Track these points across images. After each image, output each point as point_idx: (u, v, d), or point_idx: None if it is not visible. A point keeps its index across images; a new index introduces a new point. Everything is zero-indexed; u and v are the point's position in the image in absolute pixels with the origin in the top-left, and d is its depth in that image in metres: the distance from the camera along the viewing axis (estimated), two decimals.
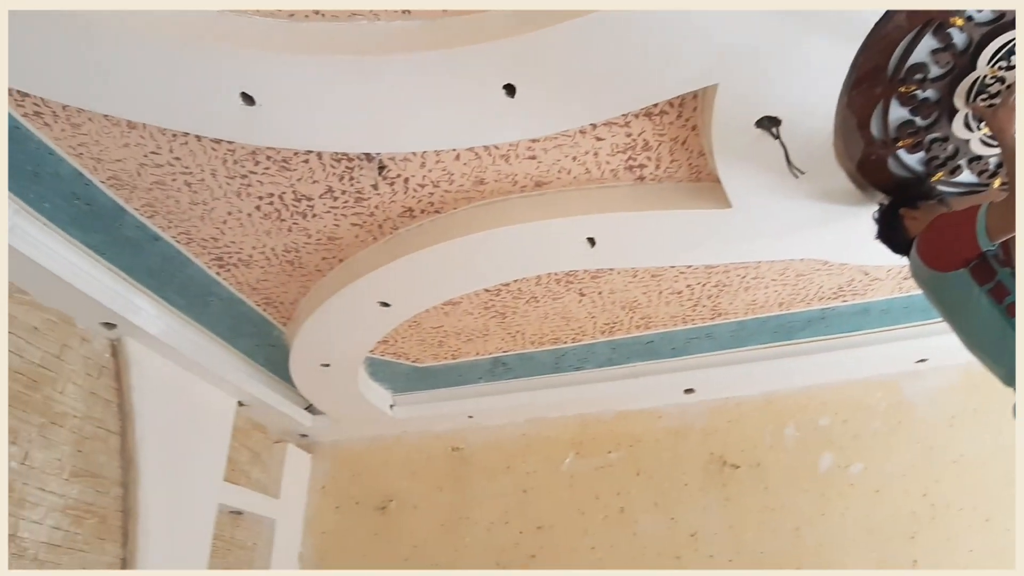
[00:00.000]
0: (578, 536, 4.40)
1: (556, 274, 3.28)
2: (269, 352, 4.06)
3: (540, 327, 3.85)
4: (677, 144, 2.55)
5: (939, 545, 3.99)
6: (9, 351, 3.04)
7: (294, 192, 2.72)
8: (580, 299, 3.54)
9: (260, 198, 2.76)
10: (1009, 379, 2.10)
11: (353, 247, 3.06)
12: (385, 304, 3.27)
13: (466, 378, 4.49)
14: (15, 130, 2.49)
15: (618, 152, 2.57)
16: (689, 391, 4.48)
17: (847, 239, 2.98)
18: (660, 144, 2.54)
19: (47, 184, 2.74)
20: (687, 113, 2.43)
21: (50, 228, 2.97)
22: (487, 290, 3.41)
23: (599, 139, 2.50)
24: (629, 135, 2.49)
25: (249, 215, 2.87)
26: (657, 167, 2.66)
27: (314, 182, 2.66)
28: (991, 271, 2.15)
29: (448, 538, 4.59)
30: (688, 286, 3.51)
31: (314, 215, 2.86)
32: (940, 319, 2.36)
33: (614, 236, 2.85)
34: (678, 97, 2.33)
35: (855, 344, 4.13)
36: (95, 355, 3.47)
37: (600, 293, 3.49)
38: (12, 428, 3.00)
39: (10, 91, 2.33)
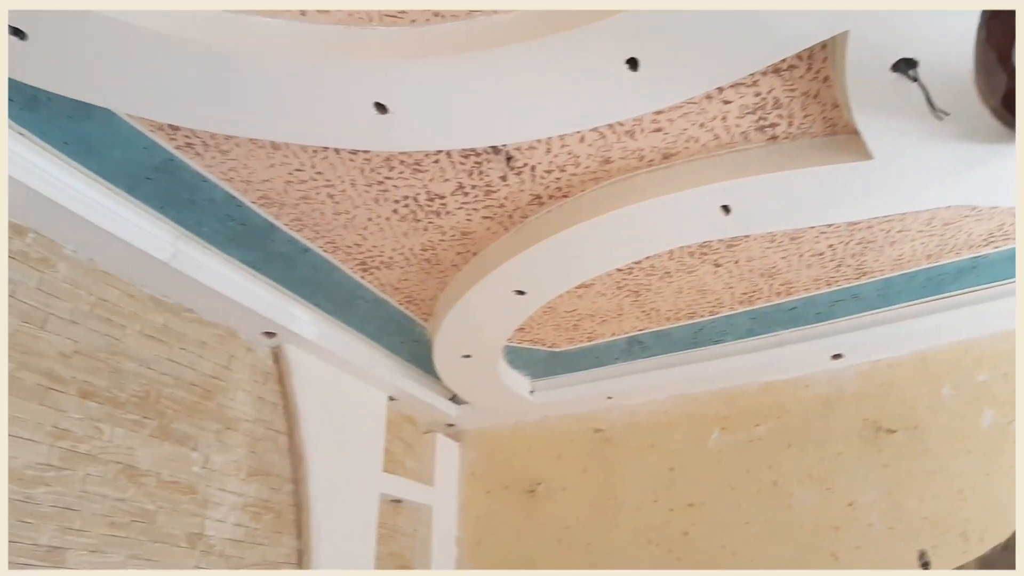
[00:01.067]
0: (731, 511, 4.33)
1: (689, 247, 3.23)
2: (413, 347, 4.23)
3: (675, 302, 3.80)
4: (809, 98, 2.45)
5: None
6: (182, 365, 3.33)
7: (427, 192, 2.83)
8: (715, 270, 3.48)
9: (396, 201, 2.89)
10: None
11: (486, 239, 3.14)
12: (520, 292, 3.34)
13: (603, 359, 4.51)
14: (169, 162, 2.71)
15: (747, 113, 2.50)
16: (837, 356, 4.29)
17: (995, 181, 2.75)
18: (791, 100, 2.45)
19: (203, 209, 2.98)
20: (817, 65, 2.32)
21: (210, 249, 3.22)
22: (619, 270, 3.41)
23: (726, 102, 2.44)
24: (758, 95, 2.41)
25: (387, 219, 3.01)
26: (790, 124, 2.57)
27: (445, 180, 2.75)
28: None
29: (598, 519, 4.63)
30: (830, 246, 3.37)
31: (447, 212, 2.95)
32: None
33: (749, 201, 2.77)
34: (806, 50, 2.24)
35: (1010, 292, 3.83)
36: (259, 363, 3.75)
37: (736, 262, 3.41)
38: (192, 435, 3.30)
39: (160, 126, 2.54)
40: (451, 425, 5.17)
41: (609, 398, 4.77)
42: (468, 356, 4.04)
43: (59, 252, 2.91)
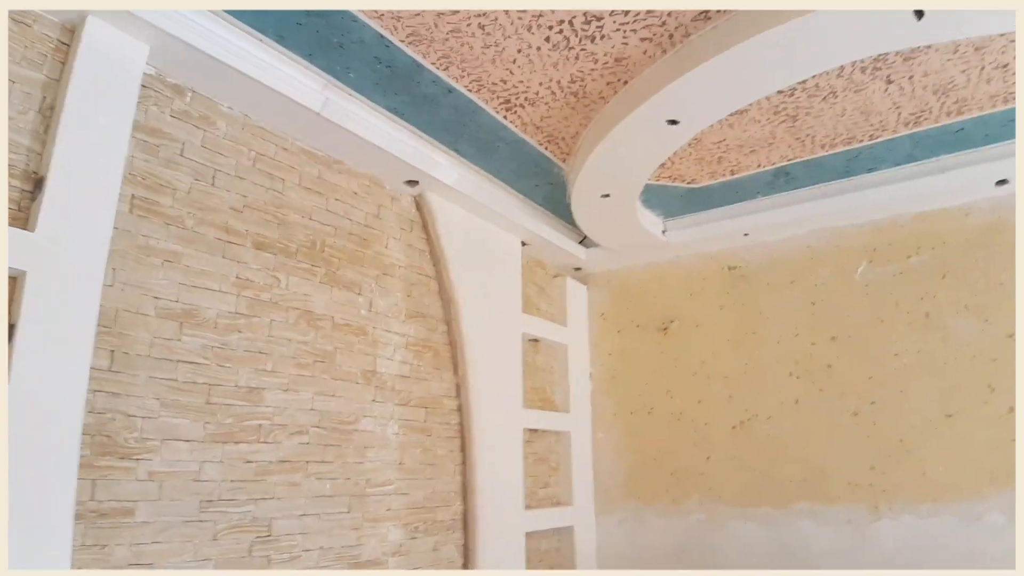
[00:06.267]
0: (878, 344, 4.24)
1: (862, 62, 2.95)
2: (548, 190, 4.18)
3: (834, 127, 3.54)
4: None
5: None
6: (339, 215, 3.41)
7: (586, 14, 2.65)
8: (886, 88, 3.18)
9: (551, 28, 2.72)
10: None
11: (641, 65, 2.96)
12: (673, 122, 3.17)
13: (743, 194, 4.34)
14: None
15: None
16: (1002, 182, 3.96)
17: None
18: None
19: (352, 53, 2.90)
20: None
21: (357, 97, 3.18)
22: (780, 92, 3.17)
23: None
24: None
25: (538, 48, 2.86)
26: None
27: None
28: None
29: (736, 353, 4.65)
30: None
31: (603, 36, 2.77)
32: None
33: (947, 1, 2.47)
34: None
35: None
36: (404, 211, 3.80)
37: (911, 78, 3.11)
38: (356, 282, 3.42)
39: None
40: (578, 269, 5.20)
41: (746, 235, 4.64)
42: (607, 195, 3.96)
43: (217, 110, 2.94)
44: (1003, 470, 3.80)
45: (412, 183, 3.71)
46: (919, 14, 2.49)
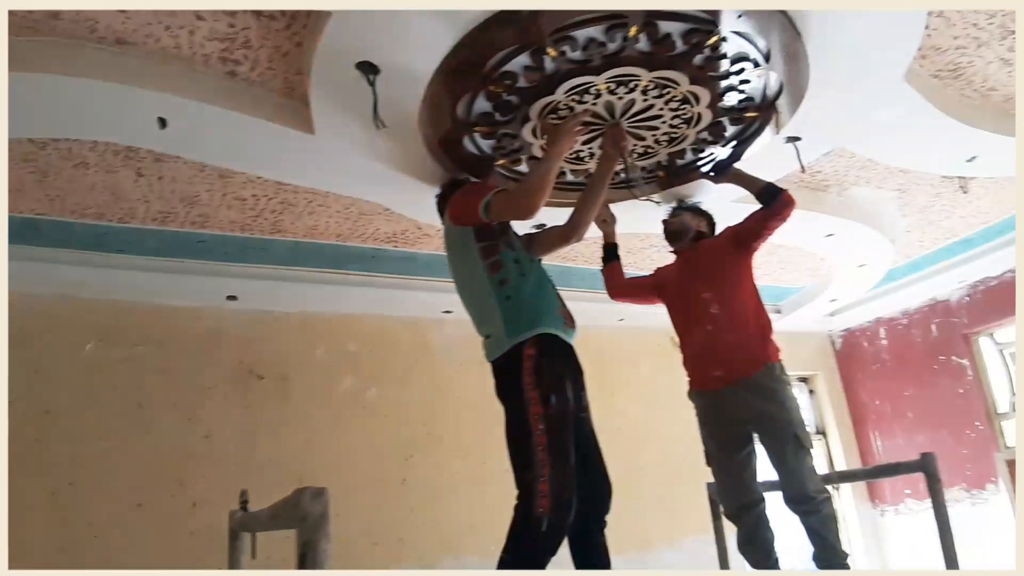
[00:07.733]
0: (89, 425, 4.07)
1: (116, 145, 2.96)
2: None
3: (85, 198, 3.41)
4: (279, 54, 2.53)
5: (429, 467, 4.78)
6: None
7: None
8: (136, 179, 3.26)
9: None
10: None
11: None
12: None
13: None
14: None
15: (216, 39, 2.45)
16: (232, 298, 4.48)
17: (412, 195, 3.30)
18: (261, 47, 2.49)
19: None
20: (297, 28, 2.41)
21: None
22: (32, 140, 2.91)
23: (200, 18, 2.35)
24: (232, 26, 2.38)
25: None
26: (252, 69, 2.61)
27: None
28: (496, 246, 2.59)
29: None
30: (254, 195, 3.51)
31: None
32: None
33: (190, 124, 2.70)
34: (292, 9, 2.32)
35: (397, 286, 4.63)
36: None
37: (161, 178, 3.27)
38: None
39: None
40: None
41: None
42: None
43: None
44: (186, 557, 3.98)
45: None
46: (162, 122, 2.66)
